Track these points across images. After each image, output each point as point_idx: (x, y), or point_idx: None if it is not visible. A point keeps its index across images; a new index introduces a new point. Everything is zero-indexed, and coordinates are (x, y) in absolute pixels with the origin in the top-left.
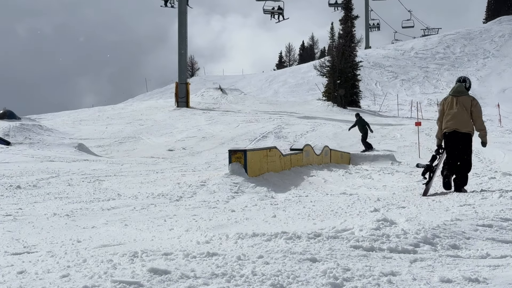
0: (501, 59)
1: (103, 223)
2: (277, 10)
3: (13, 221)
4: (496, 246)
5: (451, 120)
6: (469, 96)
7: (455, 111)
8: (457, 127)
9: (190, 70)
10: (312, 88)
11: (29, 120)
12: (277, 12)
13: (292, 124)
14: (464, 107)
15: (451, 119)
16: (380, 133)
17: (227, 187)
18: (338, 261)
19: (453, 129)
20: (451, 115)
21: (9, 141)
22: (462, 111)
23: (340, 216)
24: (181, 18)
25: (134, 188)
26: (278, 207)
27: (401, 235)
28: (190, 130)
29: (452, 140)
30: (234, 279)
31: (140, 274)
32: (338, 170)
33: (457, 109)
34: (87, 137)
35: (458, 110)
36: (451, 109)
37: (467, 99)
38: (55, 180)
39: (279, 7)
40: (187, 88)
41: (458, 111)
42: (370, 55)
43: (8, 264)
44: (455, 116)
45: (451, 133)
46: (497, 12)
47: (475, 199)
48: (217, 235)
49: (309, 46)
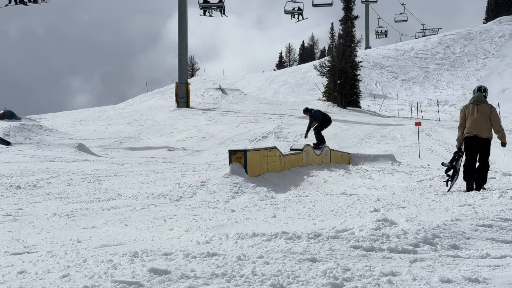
0: (501, 59)
1: (103, 223)
2: (297, 10)
3: (13, 221)
4: (496, 246)
5: (472, 126)
6: (488, 104)
7: (476, 117)
8: (478, 133)
9: (190, 70)
10: (312, 88)
11: (29, 120)
12: (297, 12)
13: (292, 124)
14: (484, 114)
15: (472, 125)
16: (380, 133)
17: (227, 187)
18: (338, 261)
19: (474, 135)
20: (472, 121)
21: (9, 141)
22: (482, 118)
23: (340, 216)
24: (181, 18)
25: (134, 188)
26: (278, 207)
27: (401, 235)
28: (190, 130)
29: (472, 144)
30: (234, 279)
31: (140, 274)
32: (338, 170)
33: (477, 116)
34: (87, 137)
35: (478, 117)
36: (472, 115)
37: (486, 107)
38: (55, 180)
39: (298, 8)
40: (187, 88)
41: (478, 118)
42: (370, 55)
43: (8, 264)
44: (476, 123)
45: (472, 137)
46: (497, 12)
47: (475, 199)
48: (217, 235)
49: (309, 46)
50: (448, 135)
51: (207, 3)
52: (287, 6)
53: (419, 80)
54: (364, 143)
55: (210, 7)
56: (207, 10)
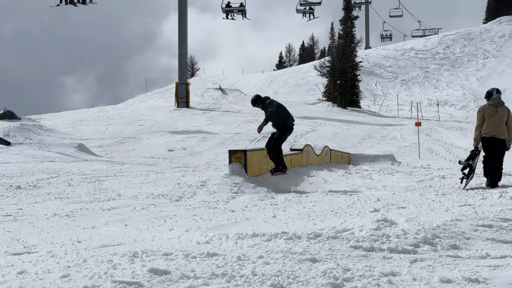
0: (501, 59)
1: (103, 223)
2: (308, 10)
3: (13, 221)
4: (496, 246)
5: (490, 127)
6: (506, 107)
7: (496, 119)
8: (495, 134)
9: (190, 70)
10: (312, 88)
11: (29, 120)
12: (308, 11)
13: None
14: (502, 116)
15: (491, 126)
16: (380, 133)
17: (227, 188)
18: (338, 261)
19: (492, 135)
20: (491, 122)
21: (9, 141)
22: (501, 120)
23: (340, 216)
24: (181, 18)
25: (134, 188)
26: (278, 207)
27: (401, 235)
28: (190, 130)
29: (490, 144)
30: (234, 279)
31: (140, 274)
32: (338, 170)
33: (497, 118)
34: (87, 137)
35: (498, 119)
36: (492, 116)
37: (504, 109)
38: (55, 180)
39: (310, 7)
40: (187, 89)
41: (498, 120)
42: (370, 55)
43: (8, 264)
44: (495, 124)
45: (490, 138)
46: (497, 12)
47: (475, 199)
48: (217, 235)
49: (309, 47)
50: (448, 135)
51: (230, 7)
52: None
53: (419, 80)
54: (364, 143)
55: (232, 10)
56: (229, 13)
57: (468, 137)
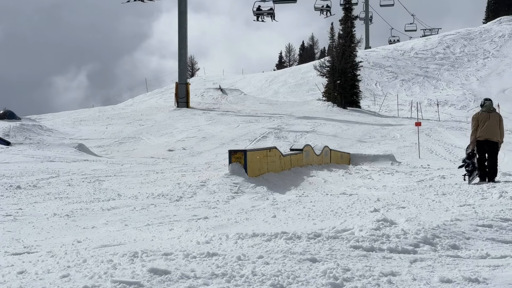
0: (501, 59)
1: (103, 223)
2: (325, 7)
3: (13, 221)
4: (496, 246)
5: (484, 131)
6: (497, 113)
7: (489, 124)
8: (489, 137)
9: (190, 70)
10: (312, 88)
11: (29, 120)
12: (325, 9)
13: (292, 124)
14: (495, 121)
15: (485, 130)
16: (380, 133)
17: (227, 187)
18: (338, 261)
19: (486, 138)
20: (485, 127)
21: (9, 141)
22: (494, 124)
23: (340, 216)
24: (181, 18)
25: (134, 188)
26: (278, 207)
27: (401, 235)
28: (190, 130)
29: (484, 147)
30: (234, 279)
31: (140, 274)
32: (338, 170)
33: (490, 122)
34: (87, 137)
35: (491, 123)
36: (486, 121)
37: (496, 115)
38: (55, 180)
39: (327, 5)
40: (187, 89)
41: (491, 124)
42: (370, 55)
43: (8, 264)
44: (489, 128)
45: (483, 141)
46: (497, 12)
47: (475, 199)
48: (217, 235)
49: (309, 46)
50: (448, 135)
51: (260, 10)
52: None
53: (419, 80)
54: (364, 143)
55: (263, 13)
56: (260, 16)
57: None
